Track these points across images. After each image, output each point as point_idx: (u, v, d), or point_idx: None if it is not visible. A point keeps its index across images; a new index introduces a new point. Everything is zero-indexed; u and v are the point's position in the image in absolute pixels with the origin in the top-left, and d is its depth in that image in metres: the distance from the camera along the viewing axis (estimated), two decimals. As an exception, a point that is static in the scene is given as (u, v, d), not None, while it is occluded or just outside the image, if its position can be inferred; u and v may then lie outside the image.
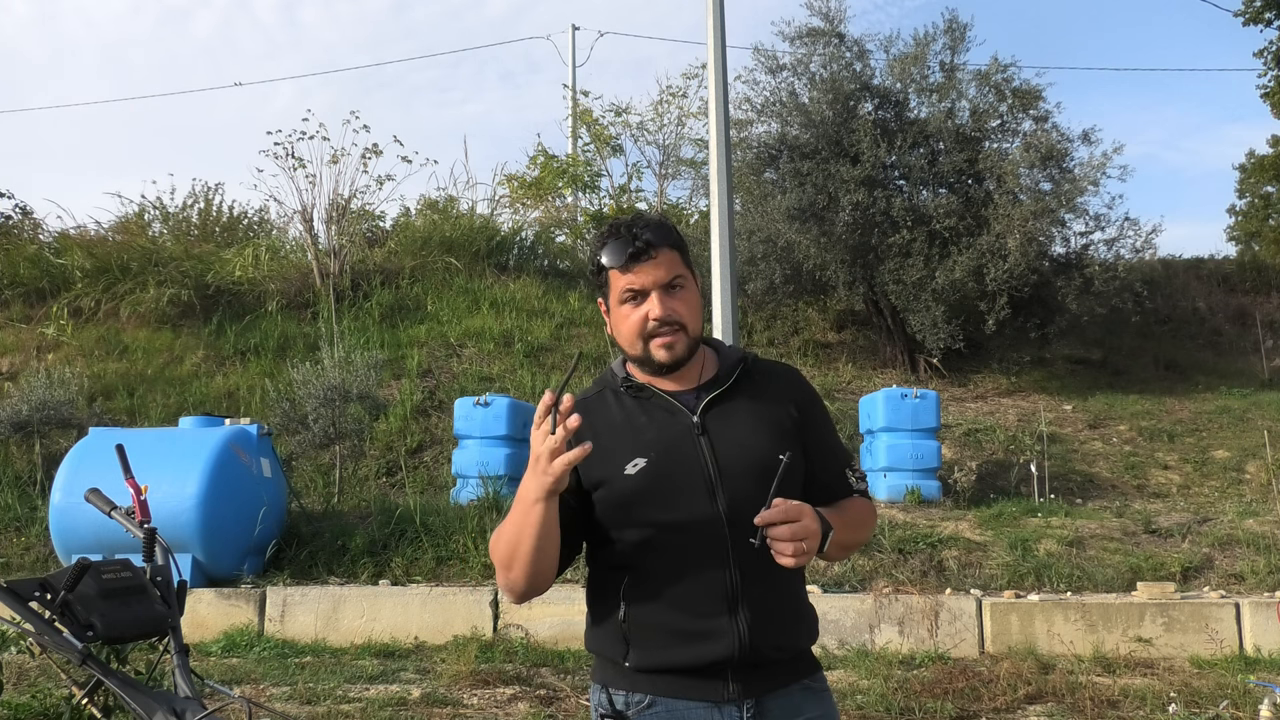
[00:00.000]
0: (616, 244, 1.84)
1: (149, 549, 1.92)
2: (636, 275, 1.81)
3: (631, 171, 17.63)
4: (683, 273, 1.86)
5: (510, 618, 6.98)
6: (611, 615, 1.81)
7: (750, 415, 1.86)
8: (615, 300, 1.86)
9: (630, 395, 1.90)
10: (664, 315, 1.81)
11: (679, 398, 1.87)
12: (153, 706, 1.61)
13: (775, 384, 1.94)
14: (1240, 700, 5.16)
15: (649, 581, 1.78)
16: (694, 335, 1.86)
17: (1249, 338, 13.14)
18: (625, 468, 1.78)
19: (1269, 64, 17.70)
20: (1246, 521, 8.10)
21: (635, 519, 1.77)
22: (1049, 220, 10.98)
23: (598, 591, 1.87)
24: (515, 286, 13.41)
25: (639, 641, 1.78)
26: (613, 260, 1.84)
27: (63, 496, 7.37)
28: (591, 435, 1.79)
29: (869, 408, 9.19)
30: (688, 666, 1.76)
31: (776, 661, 1.81)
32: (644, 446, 1.80)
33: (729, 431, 1.83)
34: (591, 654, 1.93)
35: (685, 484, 1.78)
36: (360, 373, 9.74)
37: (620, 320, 1.86)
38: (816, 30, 12.00)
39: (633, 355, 1.87)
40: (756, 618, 1.76)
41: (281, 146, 13.31)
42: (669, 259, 1.84)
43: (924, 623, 6.70)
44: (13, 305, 12.88)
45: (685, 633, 1.76)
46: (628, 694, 1.80)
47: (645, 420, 1.85)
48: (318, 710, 5.34)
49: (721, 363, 1.93)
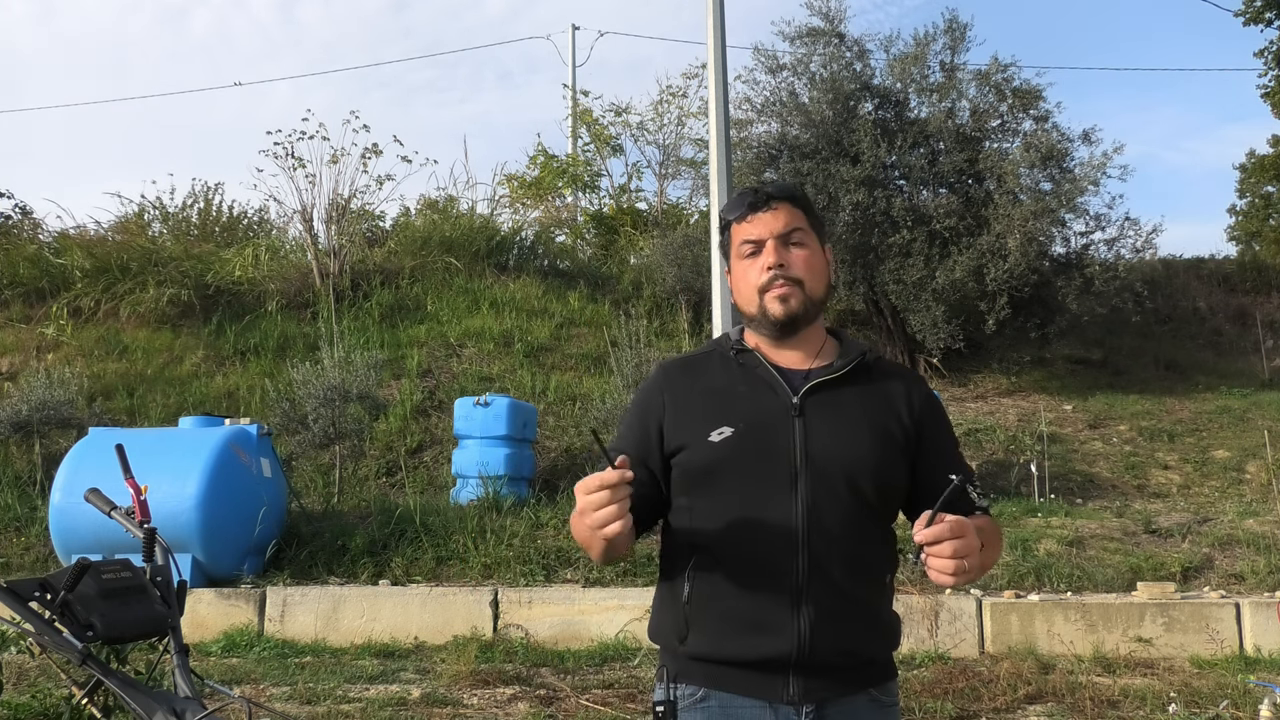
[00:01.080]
0: (738, 197, 1.85)
1: (149, 549, 1.92)
2: (753, 225, 1.80)
3: (631, 171, 17.67)
4: (803, 227, 1.82)
5: (510, 618, 6.98)
6: (676, 595, 1.74)
7: (856, 411, 1.77)
8: (735, 256, 1.84)
9: (737, 361, 1.83)
10: (777, 262, 1.76)
11: (785, 374, 1.79)
12: (153, 706, 1.61)
13: (893, 387, 1.83)
14: (1240, 700, 5.16)
15: (716, 563, 1.71)
16: (812, 295, 1.79)
17: (1249, 338, 13.14)
18: (710, 434, 1.72)
19: (1269, 64, 17.71)
20: (1246, 521, 8.10)
21: (711, 489, 1.70)
22: (1049, 220, 10.98)
23: (667, 570, 1.81)
24: (515, 286, 13.41)
25: (698, 625, 1.72)
26: (732, 211, 1.84)
27: (63, 496, 7.36)
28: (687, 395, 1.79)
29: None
30: (744, 660, 1.69)
31: (840, 667, 1.71)
32: (735, 416, 1.74)
33: (828, 421, 1.74)
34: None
35: (768, 463, 1.71)
36: (360, 373, 9.74)
37: (740, 276, 1.83)
38: (816, 30, 12.00)
39: (748, 314, 1.82)
40: (821, 617, 1.67)
41: (281, 146, 13.32)
42: (789, 212, 1.81)
43: (924, 623, 6.69)
44: (13, 305, 12.88)
45: (745, 622, 1.68)
46: (681, 684, 1.73)
47: (744, 390, 1.78)
48: (318, 710, 5.34)
49: (841, 352, 1.84)
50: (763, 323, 1.80)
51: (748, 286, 1.80)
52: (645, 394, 1.86)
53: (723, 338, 1.90)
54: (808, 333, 1.82)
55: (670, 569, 1.79)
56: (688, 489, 1.75)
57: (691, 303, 12.61)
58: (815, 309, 1.81)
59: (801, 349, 1.82)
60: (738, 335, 1.87)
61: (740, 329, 1.89)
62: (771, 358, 1.82)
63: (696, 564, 1.72)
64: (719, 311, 9.70)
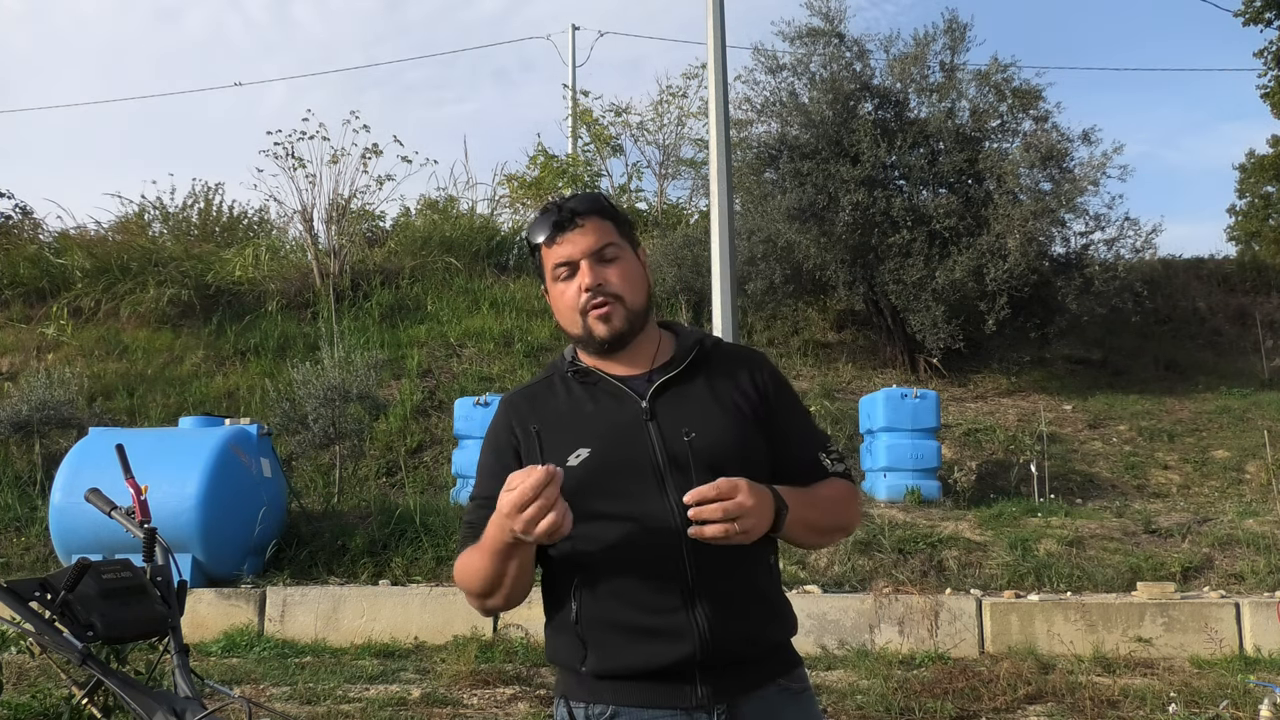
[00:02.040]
0: (541, 219, 1.79)
1: (149, 549, 1.92)
2: (563, 246, 1.75)
3: (631, 171, 17.65)
4: (616, 241, 1.77)
5: (510, 618, 6.98)
6: (566, 618, 1.71)
7: (706, 399, 1.76)
8: (550, 279, 1.79)
9: (577, 381, 1.81)
10: (593, 282, 1.72)
11: (628, 383, 1.77)
12: (153, 706, 1.61)
13: (736, 367, 1.83)
14: (1240, 700, 5.16)
15: (600, 578, 1.67)
16: (633, 308, 1.76)
17: (1249, 338, 13.14)
18: (568, 459, 1.68)
19: (1269, 64, 17.71)
20: (1246, 521, 8.10)
21: (581, 512, 1.60)
22: (1049, 220, 10.98)
23: (551, 595, 1.77)
24: (515, 286, 13.41)
25: (595, 643, 1.68)
26: (537, 234, 1.78)
27: (63, 496, 7.37)
28: (536, 427, 1.76)
29: (869, 408, 9.19)
30: (649, 669, 1.65)
31: (747, 660, 1.70)
32: (588, 436, 1.71)
33: (680, 416, 1.73)
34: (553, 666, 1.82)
35: (632, 474, 1.69)
36: (360, 373, 9.75)
37: (557, 299, 1.79)
38: (816, 30, 12.00)
39: (574, 335, 1.79)
40: (717, 611, 1.65)
41: (281, 146, 13.33)
42: (598, 227, 1.76)
43: (924, 623, 6.69)
44: (13, 305, 12.88)
45: (642, 630, 1.65)
46: (588, 705, 1.69)
47: (592, 408, 1.76)
48: (318, 710, 5.34)
49: (678, 346, 1.83)
50: (589, 343, 1.78)
51: (567, 308, 1.77)
52: (494, 433, 1.83)
53: (557, 361, 1.88)
54: (639, 340, 1.80)
55: (554, 594, 1.76)
56: None
57: (691, 303, 12.62)
58: (640, 319, 1.79)
59: (638, 355, 1.80)
60: (572, 355, 1.85)
61: (573, 348, 1.86)
62: (611, 370, 1.80)
63: (580, 583, 1.69)
64: (719, 311, 9.70)
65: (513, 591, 1.68)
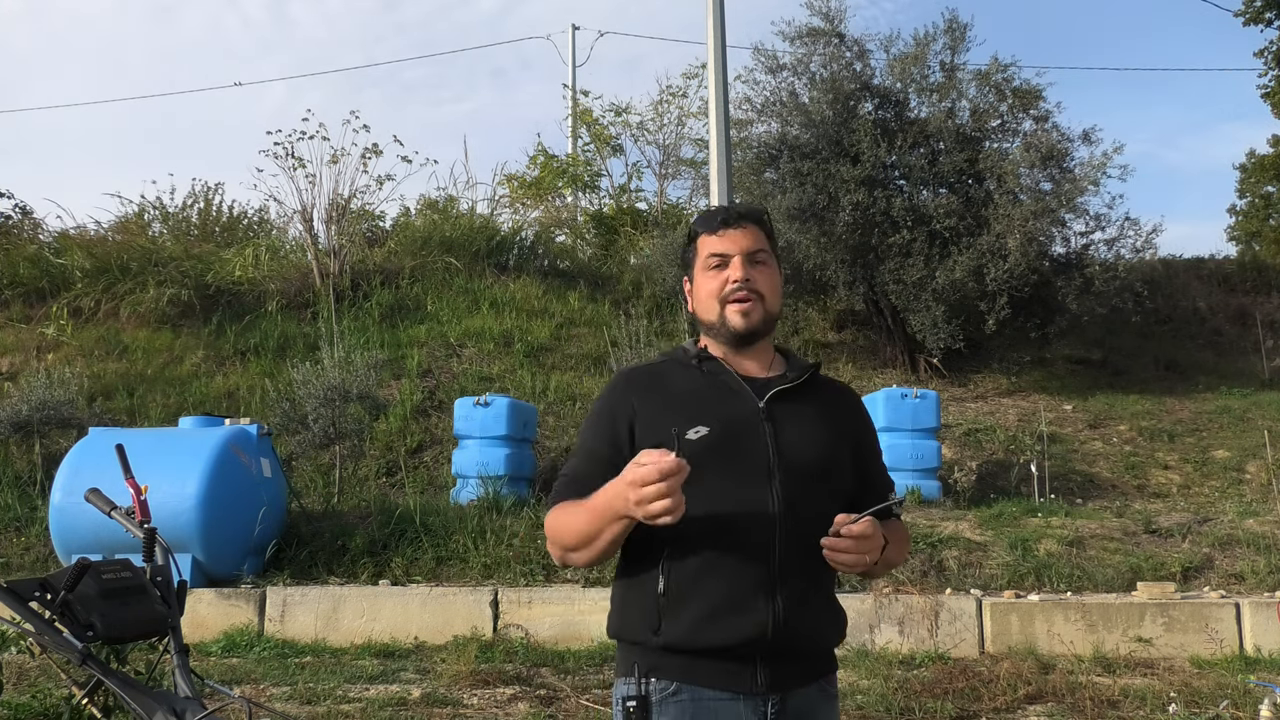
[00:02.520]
0: (710, 213, 1.99)
1: (149, 549, 1.92)
2: (723, 239, 1.93)
3: (631, 171, 17.67)
4: (766, 249, 1.96)
5: (510, 618, 6.98)
6: (648, 588, 1.80)
7: (817, 417, 1.91)
8: (700, 267, 1.96)
9: (700, 369, 1.93)
10: (743, 277, 1.89)
11: (749, 381, 1.91)
12: (153, 706, 1.61)
13: (841, 400, 2.02)
14: (1240, 700, 5.16)
15: (693, 552, 1.78)
16: (770, 311, 1.93)
17: (1249, 338, 13.14)
18: (688, 433, 1.78)
19: (1269, 64, 17.71)
20: (1246, 521, 8.10)
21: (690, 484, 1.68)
22: (1049, 220, 10.98)
23: (635, 567, 1.85)
24: (515, 286, 13.41)
25: (674, 613, 1.77)
26: (704, 225, 1.97)
27: (63, 496, 7.37)
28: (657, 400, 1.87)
29: (869, 408, 9.05)
30: (720, 645, 1.75)
31: (804, 653, 1.83)
32: (709, 417, 1.83)
33: (794, 425, 1.87)
34: (617, 643, 1.91)
35: (744, 459, 1.81)
36: (360, 373, 9.74)
37: (702, 285, 1.95)
38: (816, 30, 12.00)
39: (708, 321, 1.94)
40: (792, 599, 1.77)
41: (281, 146, 13.32)
42: (756, 233, 1.95)
43: (924, 623, 6.70)
44: (13, 305, 12.88)
45: (723, 606, 1.76)
46: (653, 679, 1.79)
47: (712, 395, 1.89)
48: (318, 710, 5.34)
49: (790, 366, 2.00)
50: (721, 332, 1.93)
51: (709, 296, 1.93)
52: (611, 399, 1.93)
53: (677, 351, 2.01)
54: (762, 345, 1.97)
55: (638, 564, 1.84)
56: None
57: (692, 303, 12.62)
58: (771, 324, 1.95)
59: (758, 360, 1.96)
60: (696, 346, 1.99)
61: (695, 340, 2.01)
62: (734, 367, 1.93)
63: (671, 555, 1.79)
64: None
65: (603, 554, 1.78)
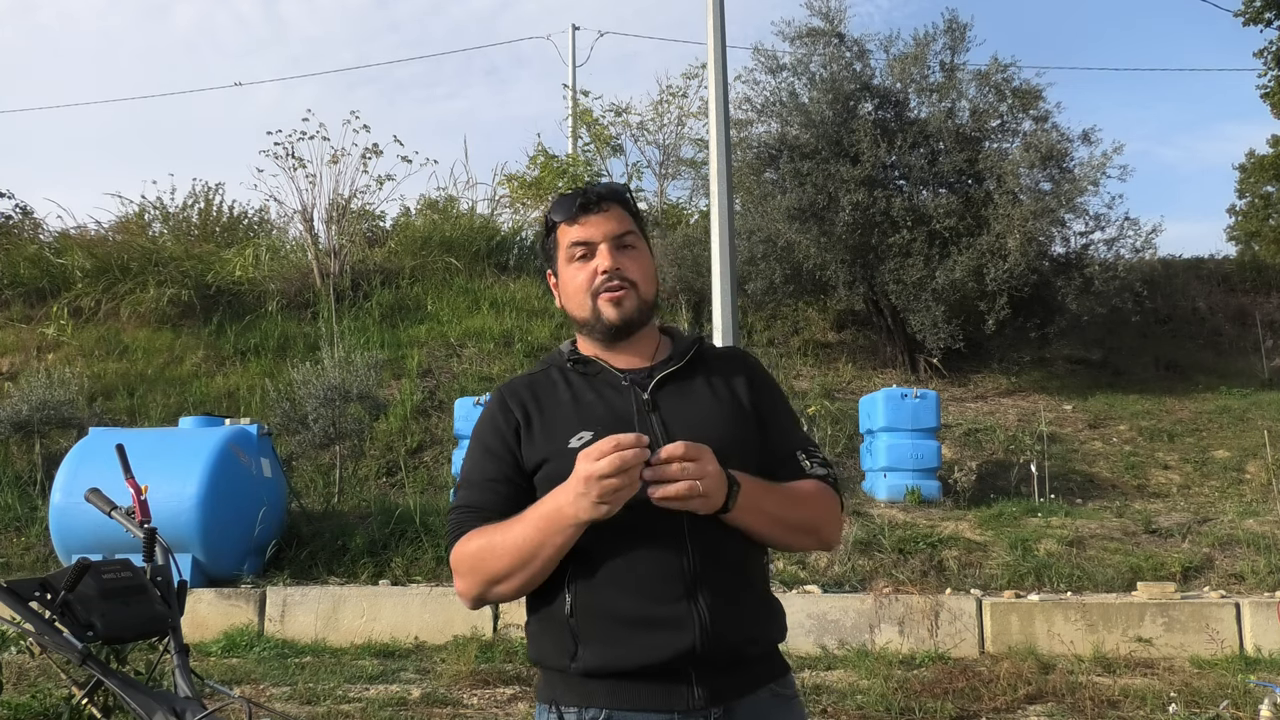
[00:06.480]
0: (565, 199, 1.80)
1: (149, 549, 1.92)
2: (584, 227, 1.77)
3: (631, 171, 17.64)
4: (634, 231, 1.81)
5: (510, 618, 6.98)
6: (557, 611, 1.64)
7: (706, 396, 1.77)
8: (564, 260, 1.80)
9: (578, 372, 1.80)
10: (612, 266, 1.74)
11: (629, 375, 1.77)
12: (153, 706, 1.61)
13: (729, 365, 1.85)
14: (1240, 700, 5.16)
15: (598, 566, 1.62)
16: (645, 298, 1.78)
17: (1249, 338, 13.14)
18: (570, 441, 1.66)
19: (1269, 64, 17.70)
20: (1246, 521, 8.10)
21: None
22: (1049, 220, 10.98)
23: (540, 590, 1.68)
24: (515, 286, 13.41)
25: (588, 636, 1.61)
26: (561, 213, 1.79)
27: (63, 496, 7.37)
28: (536, 412, 1.75)
29: (869, 408, 9.19)
30: (645, 665, 1.59)
31: (744, 660, 1.66)
32: (591, 421, 1.69)
33: (682, 410, 1.73)
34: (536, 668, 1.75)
35: None
36: (360, 373, 9.74)
37: (569, 280, 1.79)
38: (816, 30, 12.00)
39: (580, 318, 1.79)
40: (718, 604, 1.61)
41: (281, 146, 13.33)
42: (619, 215, 1.79)
43: (924, 623, 6.69)
44: (13, 305, 12.89)
45: (639, 620, 1.59)
46: (579, 710, 1.62)
47: (593, 397, 1.75)
48: (318, 710, 5.34)
49: (675, 346, 1.86)
50: (596, 327, 1.77)
51: (578, 290, 1.77)
52: (491, 417, 1.79)
53: (554, 354, 1.87)
54: (643, 334, 1.82)
55: (543, 587, 1.66)
56: None
57: (692, 303, 12.62)
58: (648, 311, 1.80)
59: (639, 350, 1.81)
60: (570, 347, 1.85)
61: (571, 342, 1.87)
62: (612, 362, 1.79)
63: (574, 574, 1.63)
64: (719, 311, 9.70)
65: (535, 577, 1.62)
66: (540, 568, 1.61)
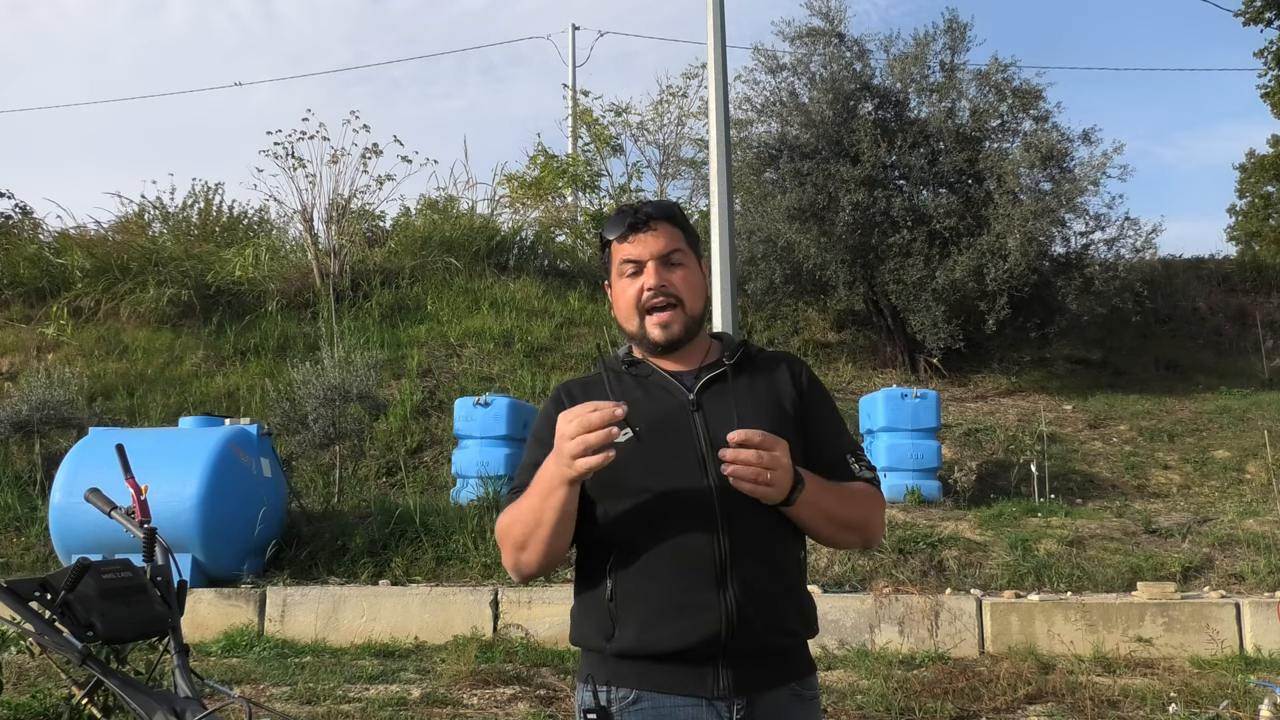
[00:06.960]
0: (618, 217, 1.91)
1: (149, 549, 1.92)
2: (633, 245, 1.86)
3: (631, 171, 17.65)
4: (683, 248, 1.89)
5: (510, 618, 6.98)
6: (599, 595, 1.76)
7: (748, 396, 1.86)
8: (616, 275, 1.90)
9: (630, 374, 1.91)
10: (657, 283, 1.84)
11: (678, 377, 1.88)
12: (153, 706, 1.61)
13: (778, 370, 1.94)
14: (1240, 700, 5.16)
15: (636, 554, 1.74)
16: (692, 315, 1.88)
17: (1249, 338, 13.14)
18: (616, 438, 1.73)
19: (1269, 64, 17.70)
20: (1246, 521, 8.09)
21: (623, 487, 1.73)
22: (1049, 220, 10.98)
23: (585, 574, 1.83)
24: (515, 286, 13.41)
25: (625, 619, 1.73)
26: (612, 230, 1.90)
27: (63, 496, 7.37)
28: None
29: (869, 408, 9.19)
30: (674, 649, 1.70)
31: (771, 651, 1.75)
32: (636, 418, 1.74)
33: (724, 410, 1.82)
34: (577, 649, 1.87)
35: (675, 455, 1.77)
36: (360, 373, 9.74)
37: (619, 295, 1.90)
38: (816, 30, 12.00)
39: (630, 332, 1.90)
40: (746, 593, 1.70)
41: (281, 146, 13.32)
42: (668, 233, 1.88)
43: (924, 623, 6.70)
44: (13, 305, 12.88)
45: (671, 606, 1.70)
46: (611, 688, 1.74)
47: (640, 395, 1.85)
48: (318, 710, 5.34)
49: (724, 349, 1.95)
50: (643, 343, 1.89)
51: (628, 305, 1.88)
52: (546, 412, 1.90)
53: (610, 359, 1.98)
54: (691, 345, 1.91)
55: (588, 574, 1.82)
56: (599, 494, 1.78)
57: (691, 303, 12.61)
58: (695, 327, 1.90)
59: (689, 355, 1.91)
60: (626, 352, 1.96)
61: (628, 348, 1.97)
62: (662, 365, 1.90)
63: (616, 562, 1.75)
64: (719, 311, 9.70)
65: (549, 543, 1.72)
66: (549, 533, 1.71)
